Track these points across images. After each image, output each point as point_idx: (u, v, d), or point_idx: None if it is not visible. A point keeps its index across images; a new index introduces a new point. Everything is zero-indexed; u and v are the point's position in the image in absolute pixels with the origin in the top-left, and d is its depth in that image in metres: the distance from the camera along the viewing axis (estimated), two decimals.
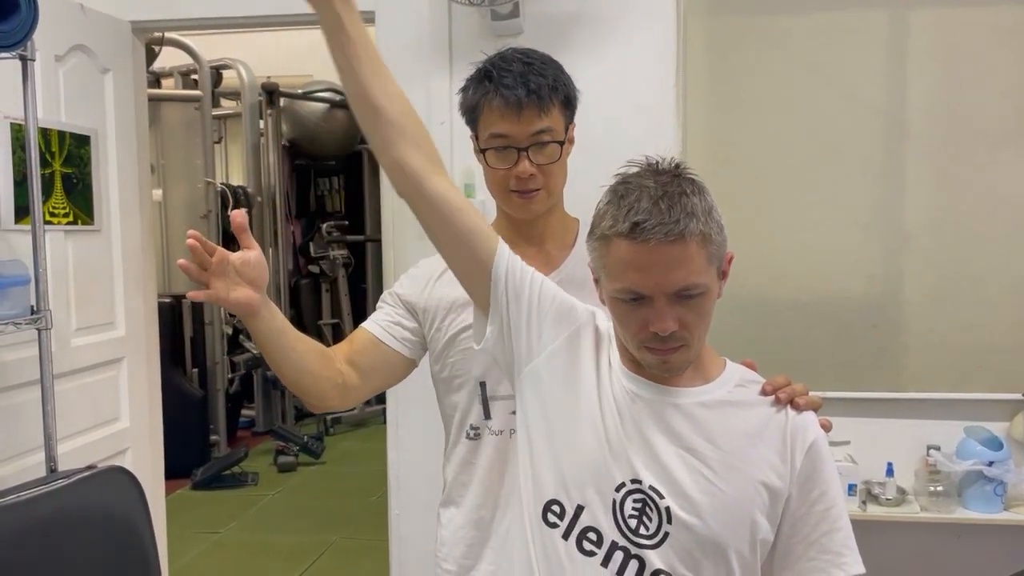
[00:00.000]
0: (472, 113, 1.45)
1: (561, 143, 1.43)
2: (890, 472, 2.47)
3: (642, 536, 1.08)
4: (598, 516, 1.10)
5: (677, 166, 1.11)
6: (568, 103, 1.45)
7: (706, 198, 1.08)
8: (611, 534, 1.09)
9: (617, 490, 1.10)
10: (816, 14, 2.60)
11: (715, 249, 1.07)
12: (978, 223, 2.53)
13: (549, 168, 1.42)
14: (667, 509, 1.08)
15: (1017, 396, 2.49)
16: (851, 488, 2.43)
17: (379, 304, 1.56)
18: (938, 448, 2.47)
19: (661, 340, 1.06)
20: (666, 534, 1.07)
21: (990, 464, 2.37)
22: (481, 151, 1.44)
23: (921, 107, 2.55)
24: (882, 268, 2.59)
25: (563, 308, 1.20)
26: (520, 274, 1.19)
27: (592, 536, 1.10)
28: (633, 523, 1.09)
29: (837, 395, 2.54)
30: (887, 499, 2.44)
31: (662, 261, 1.03)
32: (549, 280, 1.23)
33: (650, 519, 1.08)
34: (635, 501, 1.09)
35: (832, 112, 2.58)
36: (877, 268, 2.59)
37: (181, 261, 1.26)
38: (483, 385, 1.44)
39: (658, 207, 1.03)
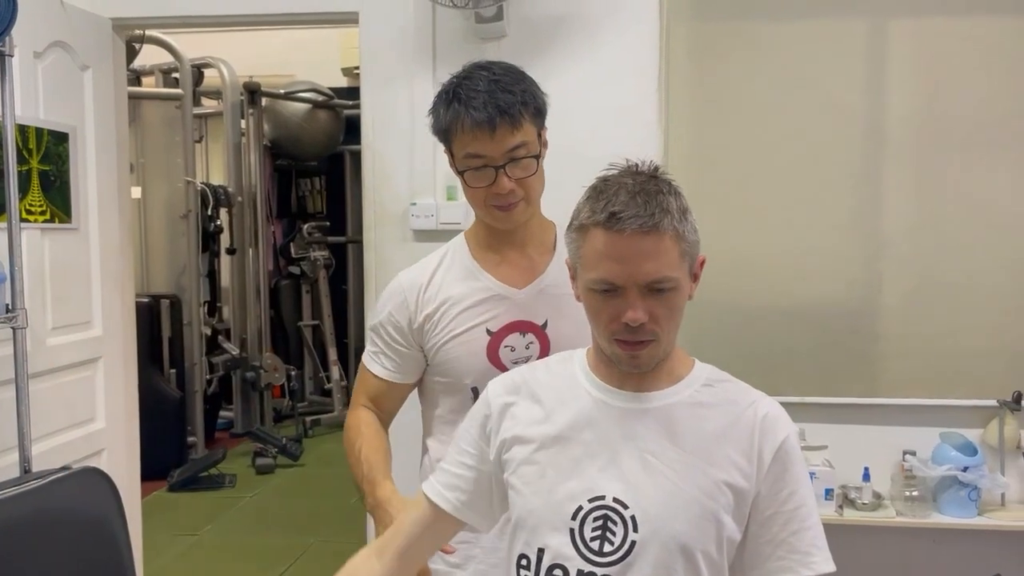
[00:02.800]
0: (446, 135, 1.45)
1: (536, 156, 1.43)
2: (867, 477, 2.49)
3: (607, 555, 1.08)
4: (560, 550, 1.09)
5: (656, 169, 1.13)
6: (538, 113, 1.45)
7: (681, 200, 1.10)
8: (576, 563, 1.08)
9: (573, 517, 1.09)
10: (798, 21, 2.62)
11: (688, 248, 1.09)
12: (955, 230, 2.56)
13: (527, 180, 1.43)
14: (632, 518, 1.08)
15: (992, 402, 2.52)
16: (828, 492, 2.44)
17: (369, 337, 1.59)
18: (914, 453, 2.50)
19: (631, 331, 1.07)
20: (633, 543, 1.07)
21: (965, 469, 2.40)
22: (459, 172, 1.45)
23: (899, 114, 2.58)
24: (861, 274, 2.61)
25: (474, 446, 1.22)
26: (452, 485, 1.22)
27: (558, 572, 1.09)
28: (596, 544, 1.08)
29: (816, 400, 2.56)
30: (863, 504, 2.46)
31: (636, 251, 1.05)
32: (457, 448, 1.25)
33: (614, 534, 1.08)
34: (595, 520, 1.09)
35: (812, 118, 2.60)
36: (856, 273, 2.61)
37: None
38: (475, 390, 1.45)
39: (635, 200, 1.06)
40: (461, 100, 1.39)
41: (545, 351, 1.45)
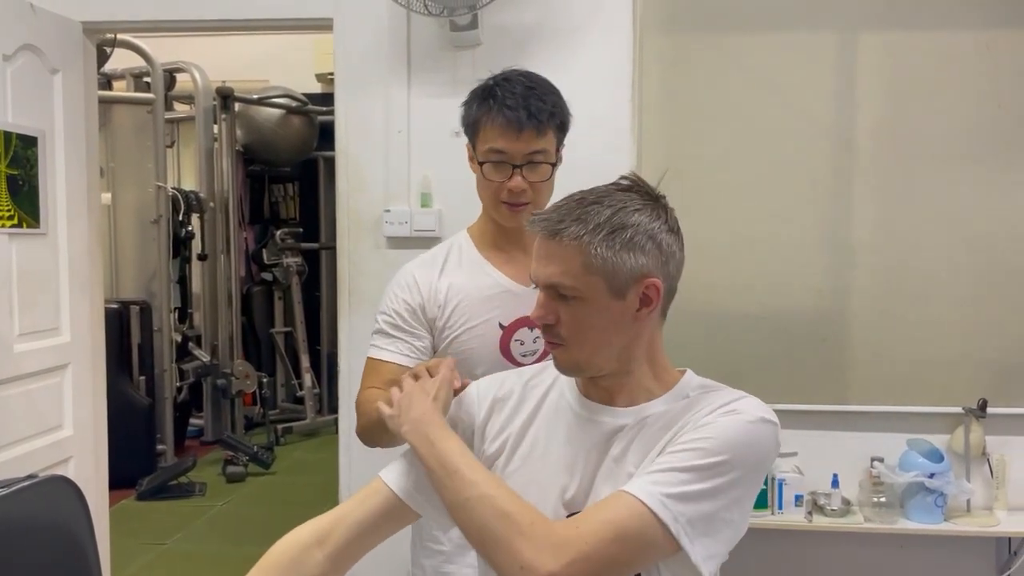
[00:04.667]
0: (473, 127, 1.55)
1: (553, 164, 1.54)
2: (835, 483, 2.52)
3: None
4: None
5: (631, 184, 1.11)
6: (562, 128, 1.57)
7: (624, 216, 1.05)
8: None
9: None
10: (769, 34, 2.66)
11: (599, 263, 1.05)
12: (921, 240, 2.60)
13: (539, 185, 1.54)
14: None
15: (958, 409, 2.56)
16: (797, 499, 2.48)
17: (379, 329, 1.58)
18: (882, 460, 2.53)
19: (542, 327, 1.11)
20: None
21: (931, 476, 2.43)
22: (479, 163, 1.54)
23: (868, 126, 2.62)
24: (830, 283, 2.65)
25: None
26: (420, 481, 1.16)
27: None
28: None
29: (785, 407, 2.58)
30: (832, 510, 2.49)
31: (542, 253, 1.09)
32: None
33: None
34: None
35: (783, 129, 2.64)
36: (826, 283, 2.65)
37: None
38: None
39: (562, 207, 1.09)
40: (496, 98, 1.50)
41: None
